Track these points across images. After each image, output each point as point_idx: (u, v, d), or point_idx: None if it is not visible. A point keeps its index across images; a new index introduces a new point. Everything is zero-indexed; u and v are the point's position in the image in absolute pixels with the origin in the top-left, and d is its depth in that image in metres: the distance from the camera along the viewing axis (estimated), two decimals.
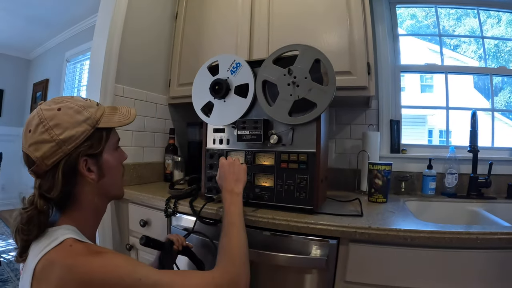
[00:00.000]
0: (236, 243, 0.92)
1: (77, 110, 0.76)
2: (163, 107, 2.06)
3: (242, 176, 1.10)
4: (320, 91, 1.14)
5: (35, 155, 0.72)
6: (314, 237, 1.09)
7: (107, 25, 1.65)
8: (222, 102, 1.33)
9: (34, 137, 0.72)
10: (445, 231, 0.97)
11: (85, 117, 0.76)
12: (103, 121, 0.81)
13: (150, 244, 1.04)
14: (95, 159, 0.79)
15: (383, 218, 1.15)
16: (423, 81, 2.77)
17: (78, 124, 0.75)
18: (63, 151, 0.73)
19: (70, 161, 0.74)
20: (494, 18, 2.12)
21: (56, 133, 0.72)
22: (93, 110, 0.79)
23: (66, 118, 0.74)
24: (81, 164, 0.76)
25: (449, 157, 1.75)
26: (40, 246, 0.68)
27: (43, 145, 0.72)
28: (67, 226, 0.74)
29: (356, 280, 1.07)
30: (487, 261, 0.98)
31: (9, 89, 5.19)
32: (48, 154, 0.72)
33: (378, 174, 1.46)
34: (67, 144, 0.73)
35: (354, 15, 1.51)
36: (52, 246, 0.67)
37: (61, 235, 0.70)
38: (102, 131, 0.81)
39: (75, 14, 3.78)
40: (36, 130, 0.72)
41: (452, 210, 1.60)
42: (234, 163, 1.13)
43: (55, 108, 0.74)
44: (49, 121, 0.72)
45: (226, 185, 1.07)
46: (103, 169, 0.81)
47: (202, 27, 1.93)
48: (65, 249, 0.67)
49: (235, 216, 0.99)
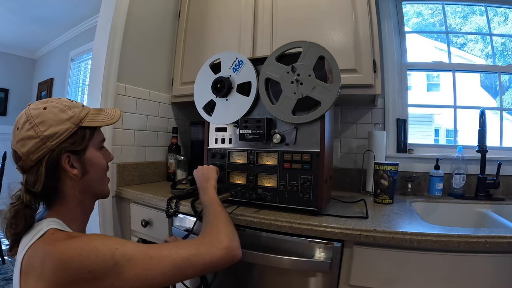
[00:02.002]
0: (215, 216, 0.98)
1: (61, 109, 0.81)
2: (166, 106, 2.04)
3: (211, 174, 1.21)
4: (324, 89, 1.11)
5: (21, 150, 0.77)
6: (318, 240, 1.07)
7: (108, 23, 1.63)
8: (224, 101, 1.31)
9: (21, 134, 0.77)
10: (453, 234, 0.95)
11: (69, 116, 0.81)
12: (87, 120, 0.85)
13: None
14: (78, 156, 0.83)
15: (388, 220, 1.12)
16: (430, 79, 2.73)
17: (62, 122, 0.79)
18: (47, 146, 0.77)
19: (53, 157, 0.78)
20: (501, 15, 2.07)
21: (40, 129, 0.76)
22: (77, 110, 0.84)
23: (51, 116, 0.78)
24: (63, 160, 0.79)
25: (457, 157, 1.71)
26: (27, 238, 0.73)
27: (29, 141, 0.76)
28: (51, 219, 0.78)
29: (360, 284, 1.05)
30: (497, 266, 0.95)
31: (14, 88, 5.23)
32: (33, 149, 0.76)
33: (384, 174, 1.43)
34: (51, 140, 0.77)
35: (359, 12, 1.48)
36: (37, 238, 0.70)
37: (45, 226, 0.73)
38: (85, 130, 0.85)
39: (80, 13, 3.79)
40: (23, 128, 0.77)
41: (460, 212, 1.57)
42: (203, 167, 1.24)
43: (41, 107, 0.79)
44: (35, 119, 0.77)
45: (198, 185, 1.19)
46: (86, 165, 0.85)
47: (205, 25, 1.91)
48: (47, 238, 0.71)
49: (212, 200, 1.07)
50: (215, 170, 1.25)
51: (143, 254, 0.73)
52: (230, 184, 1.32)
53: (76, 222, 0.84)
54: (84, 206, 0.88)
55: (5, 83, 5.13)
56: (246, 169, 1.28)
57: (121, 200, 1.66)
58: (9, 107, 5.20)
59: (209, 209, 1.02)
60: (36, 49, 5.23)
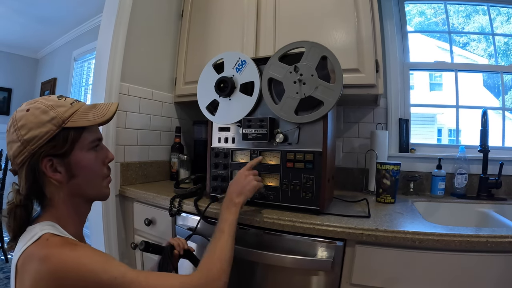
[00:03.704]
0: (220, 249, 0.92)
1: (43, 110, 0.76)
2: (169, 105, 2.05)
3: (247, 190, 1.08)
4: (327, 89, 1.12)
5: (9, 153, 0.77)
6: (320, 239, 1.07)
7: (112, 23, 1.64)
8: (227, 100, 1.31)
9: (8, 137, 0.77)
10: (454, 233, 0.95)
11: (50, 117, 0.76)
12: (72, 121, 0.79)
13: (150, 249, 1.03)
14: (61, 159, 0.78)
15: (390, 219, 1.13)
16: (432, 79, 2.73)
17: (42, 124, 0.75)
18: (27, 150, 0.74)
19: (33, 161, 0.75)
20: (504, 15, 2.07)
21: (21, 133, 0.74)
22: (62, 109, 0.78)
23: (32, 118, 0.75)
24: (43, 164, 0.76)
25: (459, 157, 1.71)
26: (22, 242, 0.72)
27: (13, 144, 0.75)
28: (46, 222, 0.76)
29: (362, 283, 1.05)
30: (498, 265, 0.95)
31: (17, 88, 5.24)
32: (16, 153, 0.75)
33: (386, 174, 1.43)
34: (31, 144, 0.74)
35: (361, 11, 1.49)
36: (31, 242, 0.69)
37: (40, 231, 0.72)
38: (69, 131, 0.79)
39: (83, 13, 3.80)
40: (9, 131, 0.76)
41: (462, 211, 1.57)
42: (248, 175, 1.12)
43: (25, 109, 0.76)
44: (18, 122, 0.75)
45: (229, 192, 1.08)
46: (73, 169, 0.80)
47: (208, 24, 1.92)
48: (42, 243, 0.69)
49: (227, 224, 0.99)
50: (255, 188, 1.11)
51: None
52: None
53: (71, 224, 0.81)
54: (77, 209, 0.84)
55: (8, 82, 5.14)
56: None
57: (124, 199, 1.67)
58: (12, 107, 5.21)
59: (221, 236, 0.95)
60: (39, 49, 5.24)
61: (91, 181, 0.85)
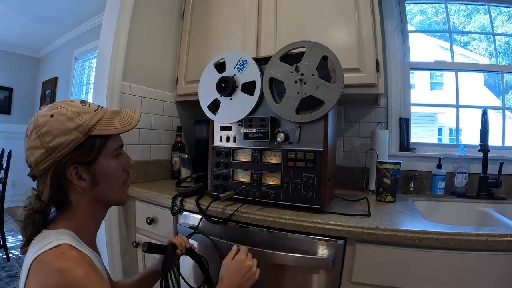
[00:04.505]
0: None
1: (69, 117, 0.75)
2: (171, 104, 2.06)
3: (247, 286, 0.99)
4: (327, 88, 1.13)
5: (30, 159, 0.75)
6: (321, 237, 1.08)
7: (113, 23, 1.65)
8: (229, 100, 1.32)
9: (29, 143, 0.74)
10: (454, 232, 0.96)
11: (76, 125, 0.75)
12: (98, 128, 0.78)
13: (152, 250, 1.03)
14: (86, 167, 0.78)
15: (391, 218, 1.14)
16: (433, 78, 2.72)
17: (68, 132, 0.74)
18: (52, 158, 0.73)
19: (59, 169, 0.74)
20: (505, 14, 2.07)
21: (46, 140, 0.72)
22: (87, 116, 0.77)
23: (57, 125, 0.73)
24: (69, 172, 0.75)
25: (459, 156, 1.72)
26: (36, 246, 0.70)
27: (35, 151, 0.73)
28: (63, 230, 0.75)
29: (363, 281, 1.06)
30: (497, 264, 0.96)
31: (18, 87, 5.26)
32: (39, 160, 0.73)
33: (386, 173, 1.44)
34: (56, 152, 0.73)
35: (362, 11, 1.49)
36: (47, 248, 0.68)
37: (57, 239, 0.70)
38: (95, 139, 0.78)
39: (84, 12, 3.81)
40: (31, 136, 0.74)
41: (461, 211, 1.58)
42: (250, 270, 1.00)
43: (49, 114, 0.74)
44: (41, 128, 0.73)
45: (226, 283, 0.96)
46: (97, 177, 0.80)
47: (209, 24, 1.92)
48: (57, 254, 0.68)
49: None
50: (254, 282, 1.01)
51: None
52: (235, 182, 1.33)
53: (87, 231, 0.82)
54: (95, 215, 0.85)
55: (10, 82, 5.16)
56: (250, 168, 1.30)
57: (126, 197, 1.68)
58: (13, 106, 5.23)
59: None
60: (40, 48, 5.25)
61: (113, 188, 0.85)
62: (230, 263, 1.01)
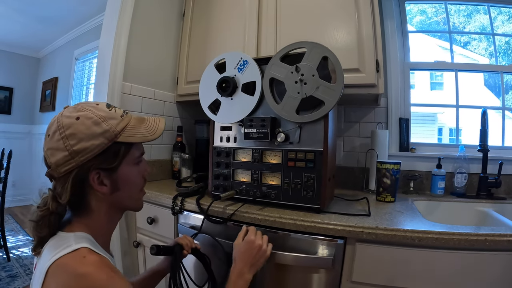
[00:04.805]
0: None
1: (95, 122, 0.73)
2: (171, 104, 2.06)
3: (259, 263, 1.04)
4: (327, 89, 1.13)
5: (50, 160, 0.72)
6: (321, 237, 1.09)
7: (114, 23, 1.65)
8: (229, 100, 1.33)
9: (51, 143, 0.72)
10: (453, 232, 0.96)
11: (103, 130, 0.74)
12: (124, 135, 0.77)
13: (161, 252, 1.04)
14: (109, 173, 0.77)
15: (390, 218, 1.14)
16: (433, 78, 2.73)
17: (93, 137, 0.72)
18: (75, 161, 0.72)
19: (81, 173, 0.73)
20: (505, 14, 2.07)
21: (70, 143, 0.71)
22: (114, 122, 0.76)
23: (82, 128, 0.72)
24: (91, 177, 0.74)
25: (459, 156, 1.72)
26: (54, 249, 0.69)
27: (57, 152, 0.71)
28: (81, 234, 0.74)
29: (363, 281, 1.06)
30: (497, 264, 0.96)
31: (18, 87, 5.26)
32: (61, 162, 0.71)
33: (386, 173, 1.44)
34: (80, 156, 0.72)
35: (362, 11, 1.49)
36: (66, 252, 0.67)
37: (76, 243, 0.69)
38: (120, 146, 0.77)
39: (84, 12, 3.81)
40: (54, 136, 0.72)
41: (461, 210, 1.58)
42: (260, 249, 1.04)
43: (74, 116, 0.73)
44: (66, 130, 0.71)
45: (239, 264, 1.02)
46: (118, 183, 0.79)
47: (210, 24, 1.93)
48: (78, 258, 0.67)
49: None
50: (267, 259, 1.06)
51: None
52: (235, 182, 1.34)
53: (102, 234, 0.81)
54: (112, 219, 0.84)
55: (10, 82, 5.16)
56: (251, 167, 1.30)
57: None
58: (13, 106, 5.23)
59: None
60: (41, 48, 5.25)
61: (132, 194, 0.85)
62: (241, 244, 1.06)
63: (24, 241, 3.65)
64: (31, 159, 5.32)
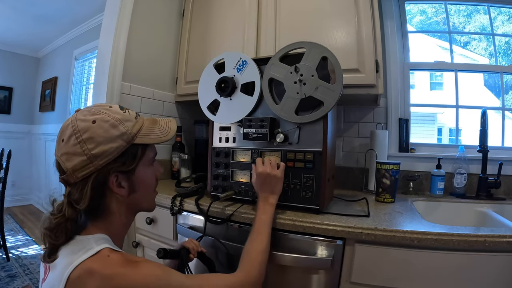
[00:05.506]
0: (260, 250, 0.97)
1: (112, 124, 0.73)
2: (170, 104, 2.06)
3: (277, 189, 1.12)
4: (327, 89, 1.13)
5: (66, 165, 0.71)
6: (320, 237, 1.08)
7: (113, 23, 1.65)
8: (228, 100, 1.32)
9: (66, 148, 0.71)
10: (452, 233, 0.96)
11: (120, 132, 0.74)
12: (140, 137, 0.78)
13: (168, 256, 1.04)
14: (127, 175, 0.77)
15: (390, 218, 1.14)
16: (433, 78, 2.73)
17: (112, 140, 0.72)
18: (94, 166, 0.71)
19: (101, 177, 0.72)
20: (505, 14, 2.07)
21: (88, 147, 0.70)
22: (130, 124, 0.77)
23: (100, 132, 0.71)
24: (111, 180, 0.74)
25: (459, 157, 1.72)
26: (74, 253, 0.68)
27: (74, 157, 0.70)
28: (100, 235, 0.73)
29: (362, 282, 1.06)
30: (496, 265, 0.96)
31: (18, 87, 5.25)
32: (79, 167, 0.70)
33: (386, 173, 1.44)
34: (99, 160, 0.71)
35: (362, 11, 1.49)
36: (89, 255, 0.66)
37: (97, 245, 0.69)
38: (137, 147, 0.78)
39: (83, 12, 3.81)
40: (69, 141, 0.71)
41: (461, 211, 1.58)
42: (270, 175, 1.12)
43: (90, 120, 0.72)
44: (82, 134, 0.70)
45: (262, 194, 1.12)
46: (135, 185, 0.80)
47: (209, 24, 1.92)
48: (103, 260, 0.67)
49: (264, 225, 1.03)
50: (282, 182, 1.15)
51: None
52: (234, 183, 1.33)
53: (118, 235, 0.81)
54: (127, 220, 0.84)
55: (9, 81, 5.15)
56: (250, 168, 1.29)
57: None
58: (13, 106, 5.22)
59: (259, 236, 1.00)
60: (40, 48, 5.25)
61: (147, 195, 0.86)
62: (255, 180, 1.15)
63: (24, 241, 3.64)
64: (31, 159, 5.32)
